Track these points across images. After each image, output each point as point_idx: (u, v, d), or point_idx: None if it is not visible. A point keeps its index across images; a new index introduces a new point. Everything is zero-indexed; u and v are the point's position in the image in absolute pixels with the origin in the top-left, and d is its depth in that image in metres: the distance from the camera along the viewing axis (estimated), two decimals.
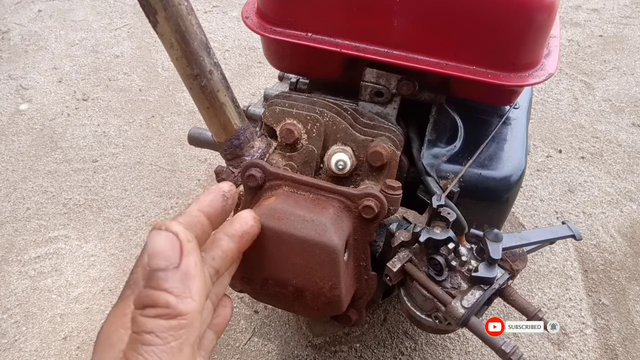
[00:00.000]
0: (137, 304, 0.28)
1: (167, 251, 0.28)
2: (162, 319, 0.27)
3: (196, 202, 0.36)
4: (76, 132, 1.65)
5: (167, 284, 0.27)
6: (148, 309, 0.27)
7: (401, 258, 0.69)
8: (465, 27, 0.69)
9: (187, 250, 0.28)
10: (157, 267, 0.28)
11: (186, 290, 0.28)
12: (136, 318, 0.27)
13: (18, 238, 1.31)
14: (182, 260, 0.28)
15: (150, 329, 0.26)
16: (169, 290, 0.27)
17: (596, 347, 1.12)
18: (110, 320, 0.31)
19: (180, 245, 0.28)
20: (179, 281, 0.28)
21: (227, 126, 0.68)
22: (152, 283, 0.27)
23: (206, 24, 2.17)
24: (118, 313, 0.31)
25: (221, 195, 0.37)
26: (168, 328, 0.27)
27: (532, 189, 1.48)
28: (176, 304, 0.27)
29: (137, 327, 0.27)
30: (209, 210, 0.36)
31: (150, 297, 0.27)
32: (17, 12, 2.23)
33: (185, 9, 0.56)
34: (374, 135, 0.75)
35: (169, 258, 0.28)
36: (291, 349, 1.10)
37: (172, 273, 0.28)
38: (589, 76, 1.94)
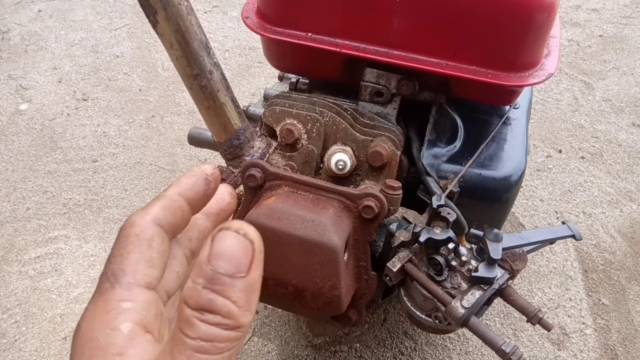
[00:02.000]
0: (194, 304, 0.25)
1: (239, 257, 0.26)
2: (222, 329, 0.25)
3: (176, 185, 0.34)
4: (76, 132, 1.65)
5: (233, 293, 0.25)
6: (208, 314, 0.25)
7: (401, 258, 0.69)
8: (465, 27, 0.69)
9: (257, 262, 0.27)
10: (224, 271, 0.25)
11: (248, 303, 0.26)
12: (192, 321, 0.25)
13: (18, 238, 1.31)
14: (251, 271, 0.26)
15: (210, 337, 0.25)
16: (234, 299, 0.25)
17: (596, 347, 1.12)
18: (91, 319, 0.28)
19: (252, 254, 0.26)
20: (244, 292, 0.26)
21: (227, 126, 0.68)
22: (216, 287, 0.25)
23: (206, 24, 2.17)
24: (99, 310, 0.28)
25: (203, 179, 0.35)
26: (226, 339, 0.25)
27: (532, 189, 1.48)
28: (238, 316, 0.26)
29: (194, 331, 0.25)
30: (190, 194, 0.34)
31: (213, 302, 0.25)
32: (17, 12, 2.23)
33: (185, 9, 0.56)
34: (374, 135, 0.75)
35: (239, 265, 0.26)
36: (291, 349, 1.10)
37: (239, 282, 0.26)
38: (589, 76, 1.94)
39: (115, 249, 0.31)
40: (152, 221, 0.31)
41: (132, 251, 0.30)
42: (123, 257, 0.30)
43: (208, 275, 0.26)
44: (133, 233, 0.31)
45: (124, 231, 0.31)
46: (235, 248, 0.26)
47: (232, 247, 0.26)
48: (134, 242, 0.30)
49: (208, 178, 0.35)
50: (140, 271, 0.29)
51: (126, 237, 0.31)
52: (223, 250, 0.26)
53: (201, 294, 0.25)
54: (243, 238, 0.26)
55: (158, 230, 0.31)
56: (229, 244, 0.26)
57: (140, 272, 0.29)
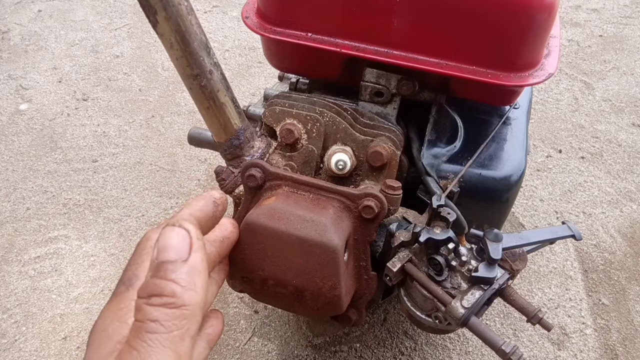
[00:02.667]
0: (143, 293, 0.29)
1: (178, 246, 0.30)
2: (167, 308, 0.28)
3: (188, 207, 0.38)
4: (76, 132, 1.65)
5: (175, 275, 0.29)
6: (154, 297, 0.28)
7: (401, 258, 0.69)
8: (465, 27, 0.69)
9: (196, 247, 0.30)
10: (166, 259, 0.29)
11: (191, 283, 0.29)
12: (141, 306, 0.28)
13: (18, 238, 1.31)
14: (191, 255, 0.30)
15: (155, 317, 0.28)
16: (176, 280, 0.29)
17: (596, 347, 1.12)
18: (105, 315, 0.32)
19: (190, 241, 0.30)
20: (186, 274, 0.29)
21: (227, 126, 0.68)
22: (160, 274, 0.29)
23: (206, 24, 2.17)
24: (113, 308, 0.33)
25: (212, 202, 0.39)
26: (172, 317, 0.28)
27: (532, 189, 1.48)
28: (182, 294, 0.28)
29: (142, 315, 0.28)
30: (200, 215, 0.37)
31: (158, 286, 0.28)
32: (17, 12, 2.23)
33: (185, 9, 0.56)
34: (374, 135, 0.75)
35: (179, 252, 0.29)
36: (291, 349, 1.10)
37: (180, 265, 0.29)
38: (589, 76, 1.94)
39: (132, 259, 0.35)
40: None
41: (146, 260, 0.34)
42: (138, 265, 0.34)
43: (154, 267, 0.29)
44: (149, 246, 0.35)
45: (140, 245, 0.36)
46: (174, 239, 0.30)
47: (172, 239, 0.30)
48: (149, 252, 0.34)
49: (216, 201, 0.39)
50: None
51: (142, 249, 0.35)
52: (165, 243, 0.30)
53: (148, 282, 0.29)
54: (179, 229, 0.30)
55: None
56: (169, 237, 0.30)
57: None
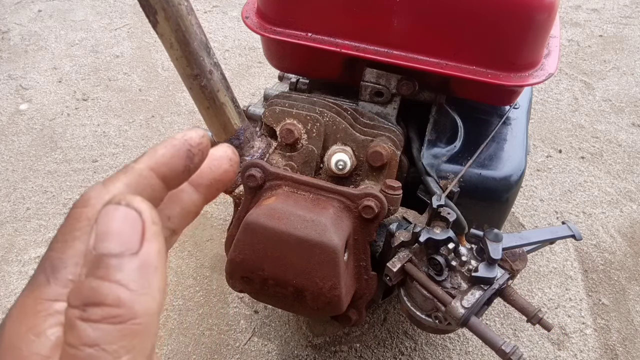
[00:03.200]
0: (75, 300, 0.20)
1: (125, 233, 0.21)
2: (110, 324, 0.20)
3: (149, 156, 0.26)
4: (76, 132, 1.65)
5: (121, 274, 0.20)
6: (91, 308, 0.20)
7: (401, 258, 0.69)
8: (465, 27, 0.69)
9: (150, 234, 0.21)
10: (108, 251, 0.20)
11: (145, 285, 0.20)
12: (73, 322, 0.20)
13: (18, 238, 1.31)
14: (143, 246, 0.21)
15: (94, 340, 0.19)
16: (123, 282, 0.20)
17: (596, 347, 1.12)
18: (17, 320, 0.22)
19: (142, 226, 0.21)
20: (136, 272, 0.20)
21: (227, 126, 0.68)
22: (100, 272, 0.20)
23: (206, 24, 2.17)
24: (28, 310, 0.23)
25: (185, 151, 0.26)
26: (118, 337, 0.20)
27: (532, 189, 1.48)
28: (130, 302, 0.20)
29: (76, 337, 0.19)
30: (165, 170, 0.26)
31: (96, 291, 0.20)
32: (17, 12, 2.23)
33: (185, 9, 0.56)
34: (374, 135, 0.75)
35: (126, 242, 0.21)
36: (291, 349, 1.10)
37: (128, 261, 0.20)
38: (589, 76, 1.94)
39: (60, 232, 0.24)
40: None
41: (78, 238, 0.24)
42: (67, 244, 0.24)
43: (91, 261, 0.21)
44: (84, 215, 0.24)
45: (73, 211, 0.24)
46: (119, 223, 0.21)
47: (115, 223, 0.21)
48: (84, 227, 0.24)
49: (192, 150, 0.26)
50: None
51: (76, 220, 0.24)
52: (106, 229, 0.21)
53: (83, 285, 0.20)
54: (127, 209, 0.21)
55: None
56: (112, 220, 0.21)
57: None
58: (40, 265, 0.24)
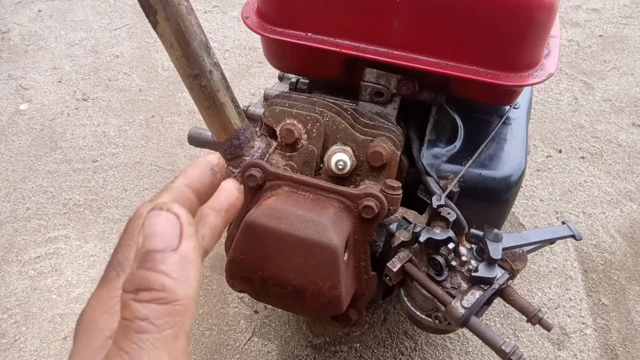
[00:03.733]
0: (129, 286, 0.26)
1: (167, 233, 0.26)
2: (157, 304, 0.25)
3: (183, 176, 0.34)
4: (76, 132, 1.65)
5: (164, 265, 0.26)
6: (142, 292, 0.25)
7: (401, 258, 0.69)
8: (465, 27, 0.69)
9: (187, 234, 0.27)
10: (154, 248, 0.26)
11: (184, 275, 0.26)
12: (128, 303, 0.25)
13: (18, 238, 1.31)
14: (182, 243, 0.26)
15: (145, 315, 0.25)
16: (166, 272, 0.25)
17: (596, 347, 1.12)
18: (95, 304, 0.29)
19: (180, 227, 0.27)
20: (177, 264, 0.26)
21: (227, 126, 0.68)
22: (148, 264, 0.26)
23: (206, 24, 2.17)
24: (102, 297, 0.29)
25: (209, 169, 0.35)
26: (164, 314, 0.25)
27: (532, 189, 1.48)
28: (173, 288, 0.25)
29: (130, 313, 0.25)
30: (197, 185, 0.34)
31: (146, 279, 0.25)
32: (17, 12, 2.23)
33: (185, 9, 0.56)
34: (374, 135, 0.75)
35: (168, 240, 0.26)
36: (291, 349, 1.10)
37: (170, 255, 0.26)
38: (589, 76, 1.94)
39: (122, 239, 0.31)
40: None
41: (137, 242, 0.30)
42: (130, 247, 0.30)
43: (141, 256, 0.26)
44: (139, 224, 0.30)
45: (131, 223, 0.31)
46: (162, 225, 0.26)
47: (159, 225, 0.26)
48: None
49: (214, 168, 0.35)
50: None
51: (133, 229, 0.31)
52: (152, 230, 0.26)
53: (135, 275, 0.26)
54: (167, 213, 0.27)
55: None
56: (156, 222, 0.26)
57: None
58: (109, 265, 0.30)
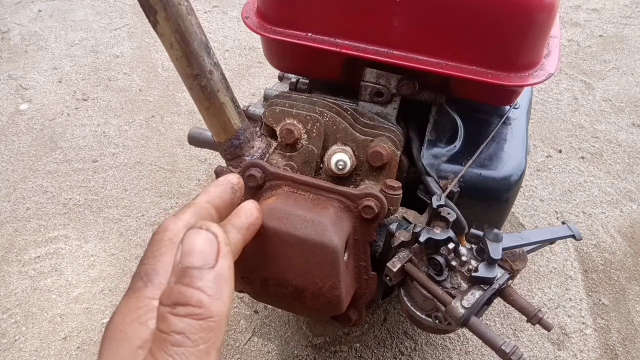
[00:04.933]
0: (166, 300, 0.27)
1: (205, 251, 0.28)
2: (193, 319, 0.26)
3: (205, 194, 0.36)
4: (76, 132, 1.65)
5: (201, 282, 0.27)
6: (179, 307, 0.26)
7: (401, 258, 0.69)
8: (465, 27, 0.69)
9: (223, 253, 0.28)
10: (192, 264, 0.27)
11: (219, 292, 0.27)
12: (165, 315, 0.26)
13: (18, 238, 1.31)
14: (218, 261, 0.28)
15: (181, 329, 0.26)
16: (203, 289, 0.27)
17: (596, 347, 1.12)
18: (123, 313, 0.30)
19: (218, 246, 0.28)
20: (213, 282, 0.27)
21: (227, 126, 0.68)
22: (185, 280, 0.27)
23: (206, 24, 2.17)
24: (131, 306, 0.30)
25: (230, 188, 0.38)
26: (199, 329, 0.26)
27: (532, 189, 1.48)
28: (209, 304, 0.26)
29: (167, 325, 0.26)
30: (218, 202, 0.36)
31: (183, 294, 0.26)
32: (17, 12, 2.23)
33: (185, 9, 0.56)
34: (374, 135, 0.75)
35: (205, 257, 0.27)
36: (291, 349, 1.10)
37: (207, 273, 0.27)
38: (589, 76, 1.94)
39: (149, 251, 0.33)
40: (184, 226, 0.33)
41: (164, 254, 0.32)
42: (156, 258, 0.32)
43: (178, 272, 0.27)
44: (166, 237, 0.33)
45: (157, 235, 0.33)
46: (200, 243, 0.28)
47: (198, 243, 0.28)
48: (167, 245, 0.32)
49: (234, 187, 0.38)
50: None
51: (159, 241, 0.33)
52: (191, 247, 0.28)
53: (172, 289, 0.27)
54: (206, 232, 0.28)
55: None
56: (195, 240, 0.28)
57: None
58: (136, 275, 0.32)
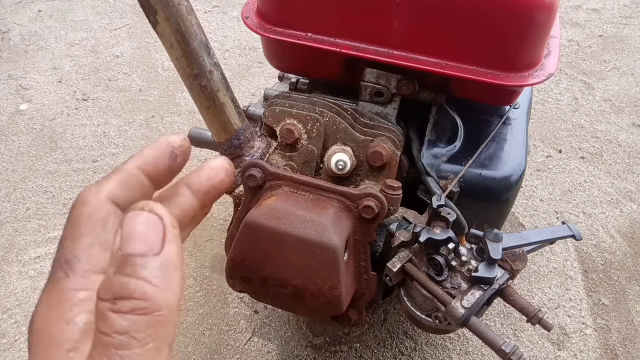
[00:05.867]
0: (105, 294, 0.23)
1: (148, 235, 0.24)
2: (138, 314, 0.22)
3: (137, 158, 0.29)
4: (76, 132, 1.65)
5: (146, 271, 0.23)
6: (121, 301, 0.22)
7: (401, 258, 0.69)
8: (465, 27, 0.69)
9: (170, 237, 0.24)
10: (134, 251, 0.23)
11: (166, 281, 0.23)
12: (105, 314, 0.22)
13: (18, 238, 1.31)
14: (164, 247, 0.24)
15: (125, 328, 0.22)
16: (147, 279, 0.23)
17: (596, 347, 1.12)
18: (44, 312, 0.25)
19: (163, 229, 0.24)
20: (159, 270, 0.23)
21: (227, 126, 0.68)
22: (127, 270, 0.23)
23: (206, 24, 2.17)
24: (53, 302, 0.25)
25: (169, 152, 0.31)
26: (145, 326, 0.22)
27: (532, 189, 1.48)
28: (155, 296, 0.23)
29: (108, 326, 0.22)
30: (151, 169, 0.30)
31: (125, 286, 0.22)
32: (17, 12, 2.23)
33: (185, 9, 0.56)
34: (374, 135, 0.75)
35: (149, 243, 0.23)
36: (291, 349, 1.10)
37: (152, 260, 0.23)
38: (589, 76, 1.94)
39: (67, 231, 0.27)
40: (107, 198, 0.27)
41: (84, 233, 0.27)
42: (75, 240, 0.26)
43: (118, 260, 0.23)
44: (85, 213, 0.27)
45: (75, 210, 0.27)
46: (143, 226, 0.24)
47: (139, 226, 0.24)
48: (87, 223, 0.27)
49: (174, 151, 0.31)
50: (96, 256, 0.26)
51: (77, 218, 0.27)
52: (131, 232, 0.24)
53: (112, 281, 0.23)
54: (149, 214, 0.24)
55: (113, 209, 0.27)
56: (136, 224, 0.24)
57: (96, 257, 0.26)
58: (55, 263, 0.26)
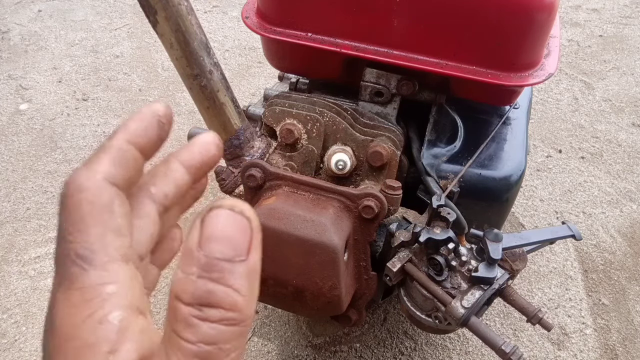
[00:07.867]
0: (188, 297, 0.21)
1: (237, 238, 0.22)
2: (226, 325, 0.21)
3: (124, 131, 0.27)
4: (76, 132, 1.65)
5: (234, 280, 0.21)
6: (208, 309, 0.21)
7: (401, 258, 0.69)
8: (465, 27, 0.69)
9: (256, 242, 0.23)
10: (221, 255, 0.21)
11: (251, 290, 0.22)
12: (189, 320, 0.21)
13: (18, 238, 1.31)
14: (251, 253, 0.22)
15: (214, 339, 0.21)
16: (236, 287, 0.21)
17: (596, 347, 1.12)
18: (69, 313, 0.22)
19: (251, 234, 0.22)
20: (246, 277, 0.22)
21: (227, 126, 0.68)
22: (214, 275, 0.21)
23: (206, 24, 2.17)
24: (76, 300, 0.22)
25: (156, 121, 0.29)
26: (231, 337, 0.21)
27: (532, 189, 1.48)
28: (243, 306, 0.21)
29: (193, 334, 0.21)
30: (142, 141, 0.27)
31: (212, 293, 0.21)
32: (17, 12, 2.23)
33: (185, 9, 0.56)
34: (374, 135, 0.75)
35: (236, 247, 0.22)
36: (291, 349, 1.10)
37: (239, 266, 0.22)
38: (589, 76, 1.94)
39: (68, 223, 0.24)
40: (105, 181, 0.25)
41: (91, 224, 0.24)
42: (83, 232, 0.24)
43: (202, 262, 0.21)
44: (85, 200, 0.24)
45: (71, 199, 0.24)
46: (231, 228, 0.22)
47: (227, 228, 0.22)
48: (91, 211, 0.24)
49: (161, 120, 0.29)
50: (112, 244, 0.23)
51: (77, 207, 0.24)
52: (217, 232, 0.22)
53: (197, 286, 0.21)
54: (239, 216, 0.22)
55: (115, 191, 0.25)
56: (224, 224, 0.22)
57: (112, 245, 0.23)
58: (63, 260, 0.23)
